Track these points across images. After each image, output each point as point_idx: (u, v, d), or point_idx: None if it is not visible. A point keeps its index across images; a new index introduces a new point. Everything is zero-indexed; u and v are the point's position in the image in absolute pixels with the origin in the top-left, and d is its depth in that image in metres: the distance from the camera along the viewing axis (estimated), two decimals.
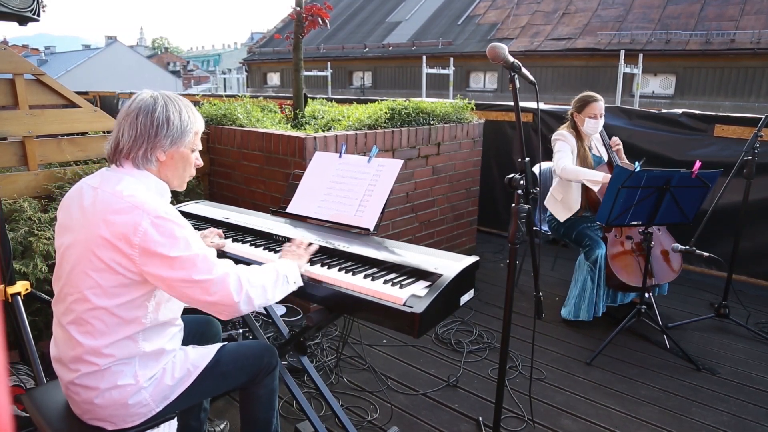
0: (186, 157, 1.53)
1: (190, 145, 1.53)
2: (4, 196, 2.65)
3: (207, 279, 1.35)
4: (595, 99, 3.25)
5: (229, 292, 1.36)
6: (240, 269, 1.44)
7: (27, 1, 2.01)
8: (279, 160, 3.22)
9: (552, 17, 15.30)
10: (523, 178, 1.77)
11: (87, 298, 1.37)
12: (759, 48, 11.70)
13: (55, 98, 2.93)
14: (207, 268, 1.36)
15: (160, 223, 1.34)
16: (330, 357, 2.82)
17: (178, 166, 1.53)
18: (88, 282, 1.36)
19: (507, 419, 2.36)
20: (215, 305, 1.38)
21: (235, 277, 1.39)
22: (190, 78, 42.47)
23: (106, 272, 1.35)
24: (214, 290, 1.36)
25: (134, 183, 1.42)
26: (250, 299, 1.41)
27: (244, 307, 1.40)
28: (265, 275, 1.48)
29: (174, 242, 1.34)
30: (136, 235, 1.33)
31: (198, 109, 3.78)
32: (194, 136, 1.54)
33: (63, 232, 1.46)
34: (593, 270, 3.11)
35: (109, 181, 1.43)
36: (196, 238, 1.41)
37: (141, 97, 1.48)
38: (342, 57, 18.49)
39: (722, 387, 2.64)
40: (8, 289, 2.14)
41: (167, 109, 1.46)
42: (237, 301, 1.37)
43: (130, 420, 1.46)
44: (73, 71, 32.88)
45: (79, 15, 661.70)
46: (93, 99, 8.77)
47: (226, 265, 1.41)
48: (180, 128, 1.48)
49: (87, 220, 1.39)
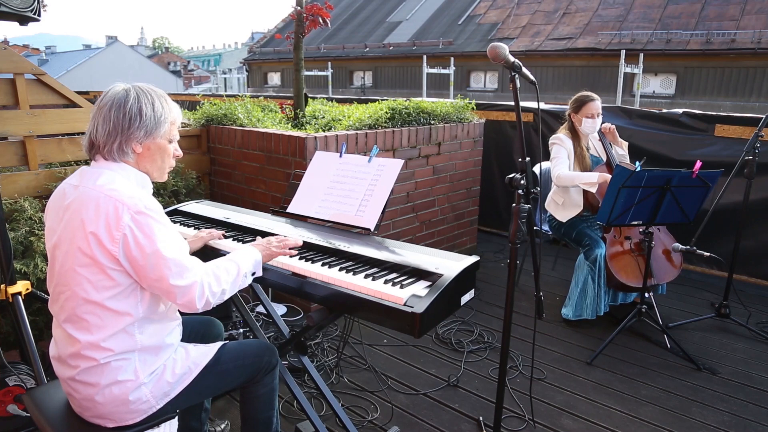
0: (163, 147, 1.54)
1: (166, 135, 1.53)
2: (5, 196, 2.65)
3: (176, 285, 1.40)
4: (591, 98, 3.25)
5: (193, 299, 1.44)
6: (206, 275, 1.47)
7: (27, 1, 2.01)
8: (279, 160, 3.22)
9: (552, 17, 15.30)
10: (524, 178, 1.77)
11: (78, 294, 1.38)
12: (760, 48, 11.69)
13: (55, 98, 2.93)
14: (179, 273, 1.40)
15: (140, 219, 1.37)
16: (330, 357, 2.82)
17: (156, 157, 1.53)
18: (77, 278, 1.38)
19: (507, 419, 2.36)
20: (180, 306, 1.47)
21: (200, 286, 1.44)
22: (190, 78, 42.46)
23: (92, 267, 1.37)
24: (181, 295, 1.42)
25: (113, 176, 1.44)
26: (208, 304, 1.48)
27: (201, 309, 1.48)
28: (227, 277, 1.54)
29: (153, 239, 1.37)
30: (117, 229, 1.35)
31: (198, 108, 3.80)
32: (170, 126, 1.54)
33: (50, 234, 1.48)
34: (593, 269, 3.11)
35: (89, 177, 1.44)
36: (173, 236, 1.44)
37: (113, 91, 1.48)
38: (342, 57, 18.48)
39: (723, 387, 2.64)
40: (9, 289, 2.15)
41: (139, 100, 1.46)
42: (198, 307, 1.46)
43: (130, 417, 1.46)
44: (74, 71, 32.91)
45: (79, 15, 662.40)
46: (93, 99, 8.75)
47: (196, 269, 1.45)
48: (154, 119, 1.48)
49: (70, 218, 1.40)
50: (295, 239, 1.81)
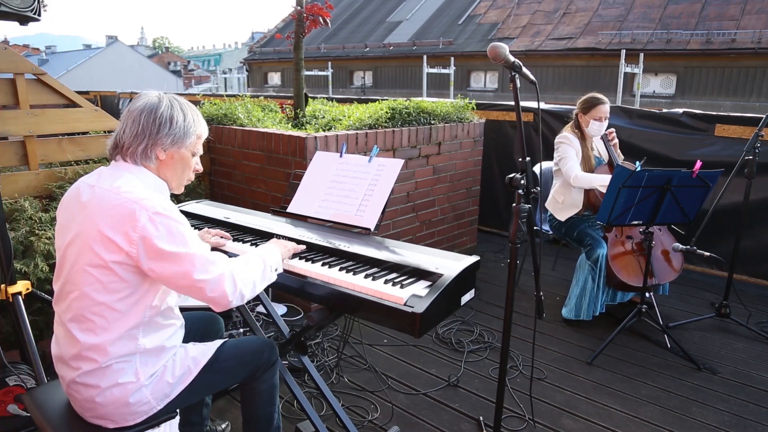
0: (186, 159, 1.54)
1: (191, 147, 1.54)
2: (5, 196, 2.65)
3: (204, 279, 1.38)
4: (602, 102, 3.23)
5: (225, 292, 1.41)
6: (234, 266, 1.47)
7: (28, 1, 2.01)
8: (280, 160, 3.22)
9: (553, 17, 15.29)
10: (524, 178, 1.77)
11: (87, 294, 1.37)
12: (760, 48, 11.69)
13: (55, 98, 2.93)
14: (204, 268, 1.39)
15: (158, 220, 1.36)
16: (331, 357, 2.82)
17: (177, 167, 1.53)
18: (88, 278, 1.37)
19: (508, 419, 2.36)
20: (211, 301, 1.43)
21: (230, 277, 1.43)
22: (190, 77, 42.46)
23: (105, 268, 1.36)
24: (211, 289, 1.40)
25: (132, 179, 1.43)
26: (242, 296, 1.47)
27: (236, 303, 1.46)
28: (255, 270, 1.54)
29: (172, 239, 1.36)
30: (134, 230, 1.34)
31: (199, 108, 3.79)
32: (196, 140, 1.55)
33: (63, 232, 1.47)
34: (594, 269, 3.10)
35: (106, 178, 1.44)
36: (194, 236, 1.43)
37: (146, 96, 1.50)
38: (343, 56, 18.48)
39: (723, 386, 2.64)
40: (9, 289, 2.15)
41: (172, 108, 1.49)
42: (231, 300, 1.43)
43: (131, 418, 1.46)
44: (74, 71, 32.90)
45: (79, 14, 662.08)
46: (94, 98, 8.78)
47: (222, 263, 1.44)
48: (183, 129, 1.49)
49: (85, 217, 1.40)
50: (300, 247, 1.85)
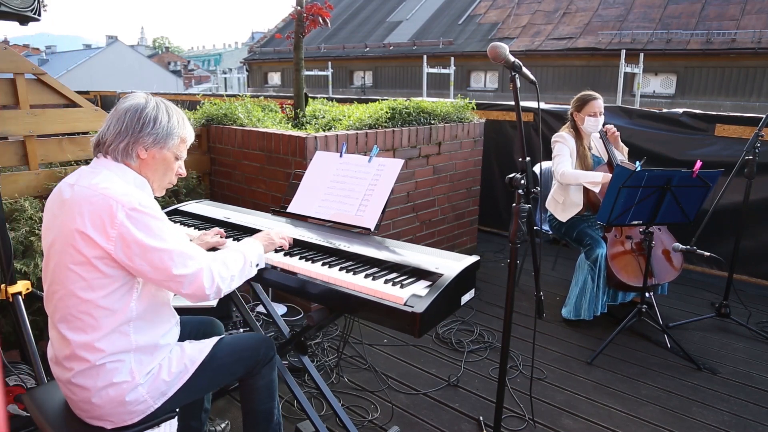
0: (168, 161, 1.54)
1: (174, 149, 1.54)
2: (5, 196, 2.65)
3: (183, 273, 1.39)
4: (593, 97, 3.26)
5: (202, 286, 1.43)
6: (213, 261, 1.48)
7: (28, 1, 2.01)
8: (280, 160, 3.22)
9: (553, 17, 15.29)
10: (524, 178, 1.77)
11: (73, 292, 1.38)
12: (760, 47, 11.69)
13: (55, 98, 2.93)
14: (183, 262, 1.40)
15: (136, 216, 1.36)
16: (331, 356, 2.82)
17: (158, 168, 1.53)
18: (72, 276, 1.38)
19: (508, 419, 2.36)
20: (188, 296, 1.44)
21: (208, 272, 1.44)
22: (190, 77, 42.47)
23: (87, 265, 1.36)
24: (188, 284, 1.41)
25: (111, 176, 1.44)
26: (219, 291, 1.48)
27: (213, 297, 1.47)
28: (235, 265, 1.54)
29: (150, 234, 1.37)
30: (112, 227, 1.34)
31: (199, 108, 3.80)
32: (180, 142, 1.55)
33: (47, 233, 1.48)
34: (594, 269, 3.11)
35: (86, 175, 1.45)
36: (172, 230, 1.43)
37: (134, 97, 1.51)
38: (343, 56, 18.48)
39: (723, 386, 2.64)
40: (9, 289, 2.15)
41: (158, 109, 1.50)
42: (208, 294, 1.45)
43: (128, 418, 1.46)
44: (74, 71, 32.90)
45: (79, 14, 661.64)
46: (94, 98, 8.78)
47: (200, 257, 1.45)
48: (166, 129, 1.50)
49: (65, 216, 1.40)
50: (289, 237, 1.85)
